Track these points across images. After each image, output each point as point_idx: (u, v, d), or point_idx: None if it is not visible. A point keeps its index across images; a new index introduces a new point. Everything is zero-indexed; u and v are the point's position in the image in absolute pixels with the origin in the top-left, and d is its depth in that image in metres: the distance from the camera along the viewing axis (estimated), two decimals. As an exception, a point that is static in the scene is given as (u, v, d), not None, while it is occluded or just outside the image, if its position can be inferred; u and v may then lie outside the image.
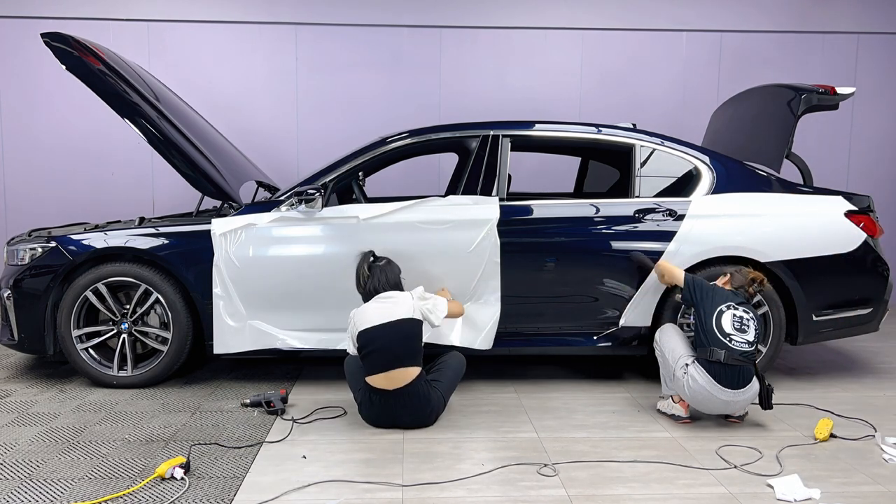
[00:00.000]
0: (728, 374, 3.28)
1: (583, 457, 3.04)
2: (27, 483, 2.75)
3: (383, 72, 6.48)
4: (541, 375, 4.33)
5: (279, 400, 3.56)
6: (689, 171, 4.15)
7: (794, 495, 2.64)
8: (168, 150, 3.96)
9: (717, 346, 3.32)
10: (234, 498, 2.63)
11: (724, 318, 3.39)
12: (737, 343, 3.32)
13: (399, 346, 3.29)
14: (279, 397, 3.57)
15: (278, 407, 3.54)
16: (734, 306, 3.44)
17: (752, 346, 3.35)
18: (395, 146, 4.14)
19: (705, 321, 3.40)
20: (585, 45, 6.60)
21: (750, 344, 3.35)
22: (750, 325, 3.39)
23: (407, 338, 3.31)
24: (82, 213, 6.16)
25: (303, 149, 6.49)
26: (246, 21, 6.36)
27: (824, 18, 6.69)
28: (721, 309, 3.42)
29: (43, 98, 6.28)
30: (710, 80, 6.68)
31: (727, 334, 3.34)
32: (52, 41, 3.85)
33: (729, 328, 3.36)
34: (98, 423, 3.43)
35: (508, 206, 3.99)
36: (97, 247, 3.93)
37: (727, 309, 3.42)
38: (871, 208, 4.20)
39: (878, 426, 3.42)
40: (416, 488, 2.72)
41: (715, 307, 3.43)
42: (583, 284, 4.01)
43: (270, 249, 3.90)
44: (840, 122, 6.71)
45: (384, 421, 3.35)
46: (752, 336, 3.38)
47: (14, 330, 4.00)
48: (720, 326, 3.37)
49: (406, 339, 3.31)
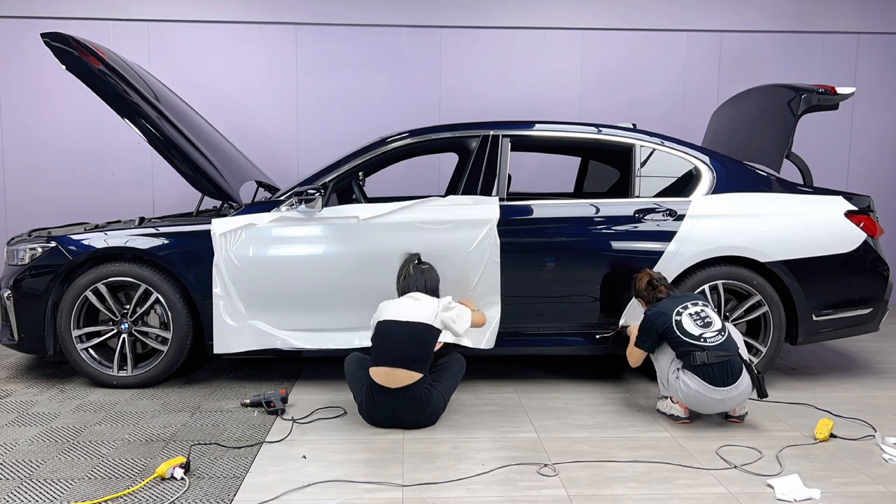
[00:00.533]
0: (718, 373, 3.28)
1: (583, 457, 3.04)
2: (27, 483, 2.75)
3: (383, 72, 6.48)
4: (541, 375, 4.33)
5: (279, 400, 3.56)
6: (689, 171, 4.15)
7: (794, 495, 2.64)
8: (168, 150, 3.96)
9: (696, 349, 3.31)
10: (234, 498, 2.63)
11: (683, 322, 3.39)
12: (710, 339, 3.32)
13: (409, 347, 3.30)
14: (279, 397, 3.57)
15: (278, 407, 3.54)
16: (684, 306, 3.44)
17: (723, 333, 3.35)
18: (395, 146, 4.14)
19: (673, 337, 3.38)
20: (585, 45, 6.60)
21: (721, 332, 3.35)
22: (711, 316, 3.41)
23: (418, 343, 3.32)
24: (82, 213, 6.16)
25: (303, 149, 6.49)
26: (246, 21, 6.36)
27: (824, 18, 6.70)
28: (674, 318, 3.41)
29: (43, 98, 6.28)
30: (710, 80, 6.68)
31: (697, 335, 3.34)
32: (52, 41, 3.85)
33: (694, 329, 3.36)
34: (98, 423, 3.43)
35: (508, 206, 4.00)
36: (97, 247, 3.93)
37: (683, 311, 3.43)
38: (871, 208, 4.20)
39: (878, 426, 3.42)
40: (416, 488, 2.72)
41: (670, 320, 3.42)
42: (583, 284, 4.01)
43: (270, 249, 3.90)
44: (840, 122, 6.71)
45: (384, 420, 3.35)
46: (719, 324, 3.38)
47: (14, 330, 4.00)
48: (686, 331, 3.36)
49: (417, 344, 3.32)
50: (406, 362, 3.26)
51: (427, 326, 3.35)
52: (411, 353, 3.29)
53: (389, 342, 3.32)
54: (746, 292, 4.01)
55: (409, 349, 3.29)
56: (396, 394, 3.27)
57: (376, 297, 3.66)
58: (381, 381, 3.28)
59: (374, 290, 3.79)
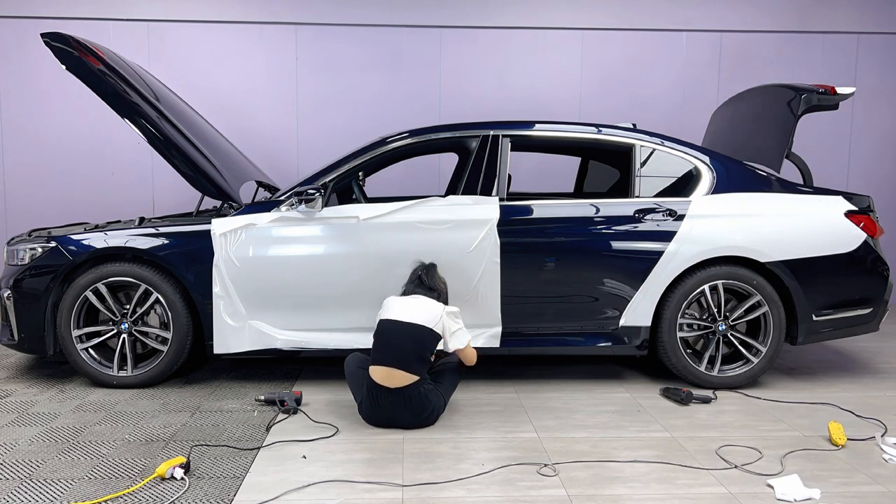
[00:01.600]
0: None
1: (583, 457, 3.04)
2: (27, 483, 2.75)
3: (383, 72, 6.48)
4: (541, 375, 4.33)
5: (293, 400, 3.59)
6: (689, 171, 4.15)
7: (794, 495, 2.64)
8: (168, 150, 3.96)
9: None
10: (234, 498, 2.63)
11: None
12: None
13: (409, 347, 3.29)
14: (293, 398, 3.60)
15: (291, 406, 3.56)
16: None
17: None
18: (395, 146, 4.14)
19: None
20: (585, 45, 6.60)
21: None
22: None
23: (418, 343, 3.32)
24: (82, 213, 6.16)
25: (303, 149, 6.49)
26: (246, 21, 6.36)
27: (824, 18, 6.69)
28: None
29: (43, 98, 6.28)
30: (710, 80, 6.68)
31: None
32: (52, 41, 3.85)
33: None
34: (98, 423, 3.43)
35: (508, 206, 3.99)
36: (97, 247, 3.93)
37: None
38: (871, 208, 4.20)
39: (881, 427, 3.42)
40: (416, 488, 2.72)
41: None
42: (583, 284, 4.01)
43: (270, 249, 3.90)
44: (840, 122, 6.71)
45: (383, 420, 3.35)
46: None
47: (14, 330, 4.00)
48: None
49: (417, 345, 3.31)
50: (405, 363, 3.26)
51: (428, 330, 3.34)
52: (410, 355, 3.28)
53: (390, 342, 3.32)
54: (746, 292, 4.01)
55: (408, 350, 3.29)
56: (396, 393, 3.27)
57: (376, 297, 3.66)
58: (380, 380, 3.27)
59: (375, 290, 3.79)
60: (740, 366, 4.05)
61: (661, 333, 4.00)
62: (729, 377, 4.03)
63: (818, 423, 3.50)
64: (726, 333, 4.03)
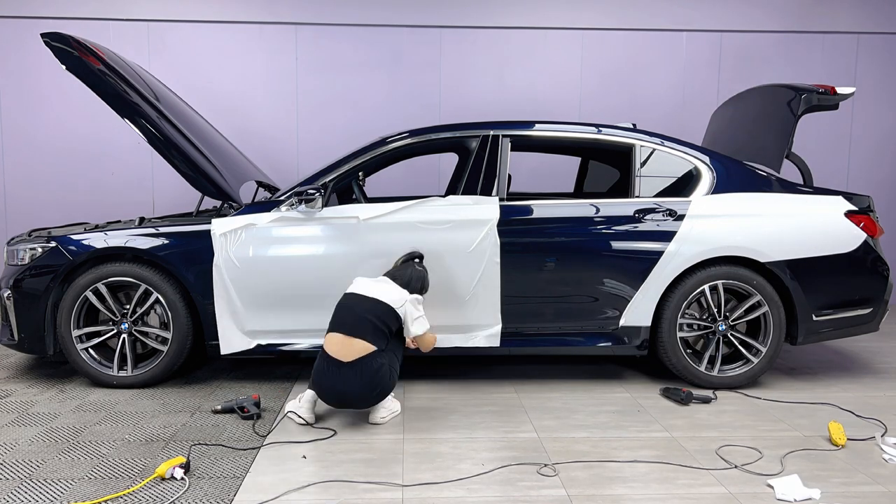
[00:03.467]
0: None
1: (583, 457, 3.04)
2: (27, 483, 2.75)
3: (383, 72, 6.48)
4: (541, 375, 4.33)
5: (252, 405, 3.51)
6: (689, 171, 4.15)
7: (794, 495, 2.64)
8: (168, 150, 3.96)
9: None
10: (234, 498, 2.63)
11: None
12: None
13: (368, 318, 3.32)
14: (252, 402, 3.52)
15: (252, 412, 3.48)
16: None
17: None
18: (395, 146, 4.14)
19: None
20: (585, 45, 6.60)
21: None
22: None
23: (377, 316, 3.35)
24: (82, 213, 6.16)
25: (303, 149, 6.49)
26: (246, 21, 6.36)
27: (824, 18, 6.69)
28: None
29: (43, 98, 6.28)
30: (710, 80, 6.68)
31: None
32: (52, 41, 3.85)
33: None
34: (98, 423, 3.43)
35: (508, 206, 3.99)
36: (97, 247, 3.93)
37: None
38: (871, 208, 4.20)
39: (881, 427, 3.42)
40: (416, 488, 2.72)
41: None
42: (583, 284, 4.01)
43: (270, 249, 3.90)
44: (840, 122, 6.72)
45: (334, 396, 3.33)
46: None
47: (14, 330, 4.00)
48: None
49: (376, 317, 3.34)
50: (362, 332, 3.29)
51: (390, 307, 3.38)
52: (368, 325, 3.31)
53: (351, 312, 3.37)
54: (746, 292, 4.01)
55: (367, 321, 3.32)
56: (348, 367, 3.26)
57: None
58: (335, 352, 3.29)
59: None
60: (740, 366, 4.05)
61: (661, 333, 4.00)
62: (729, 377, 4.03)
63: (818, 423, 3.50)
64: (726, 333, 4.03)
